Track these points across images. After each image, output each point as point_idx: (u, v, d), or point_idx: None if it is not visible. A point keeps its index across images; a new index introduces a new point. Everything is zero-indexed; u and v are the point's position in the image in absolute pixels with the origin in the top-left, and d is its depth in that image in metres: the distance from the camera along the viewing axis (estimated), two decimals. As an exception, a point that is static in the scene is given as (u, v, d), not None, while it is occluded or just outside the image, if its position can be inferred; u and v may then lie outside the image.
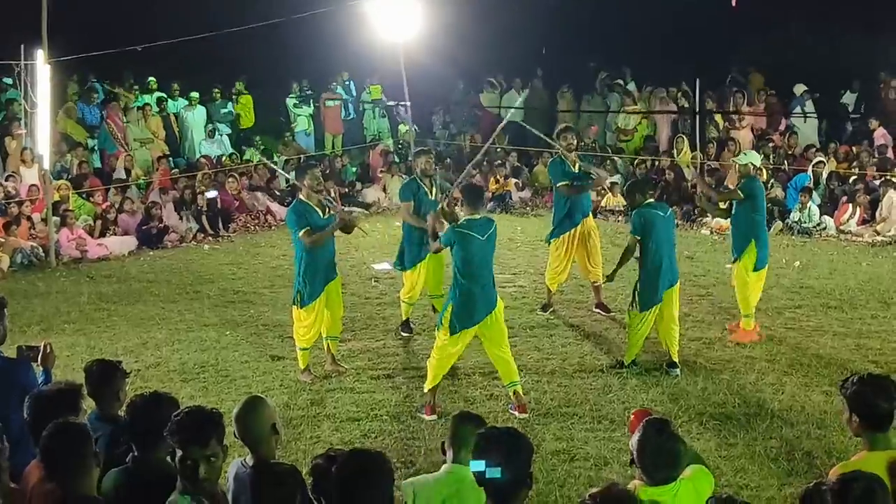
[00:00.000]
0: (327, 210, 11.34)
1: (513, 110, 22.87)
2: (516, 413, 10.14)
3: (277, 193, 22.09)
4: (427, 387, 10.29)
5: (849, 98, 23.55)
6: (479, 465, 4.57)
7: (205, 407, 5.24)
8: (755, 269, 12.44)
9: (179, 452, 4.86)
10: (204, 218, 19.87)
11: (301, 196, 11.40)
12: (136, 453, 5.35)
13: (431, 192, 12.62)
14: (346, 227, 11.42)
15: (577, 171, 13.56)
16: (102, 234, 18.68)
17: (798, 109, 23.28)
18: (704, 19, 24.38)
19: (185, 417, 4.93)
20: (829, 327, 13.10)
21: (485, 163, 24.04)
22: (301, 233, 10.99)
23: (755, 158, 12.84)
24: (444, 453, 5.92)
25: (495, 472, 4.70)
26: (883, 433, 5.38)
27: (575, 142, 14.00)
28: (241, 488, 5.27)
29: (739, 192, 12.48)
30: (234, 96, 25.27)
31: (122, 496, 5.23)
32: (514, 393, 10.24)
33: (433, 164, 13.18)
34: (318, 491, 4.77)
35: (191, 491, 4.81)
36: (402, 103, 24.71)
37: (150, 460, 5.31)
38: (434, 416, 10.11)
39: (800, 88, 23.24)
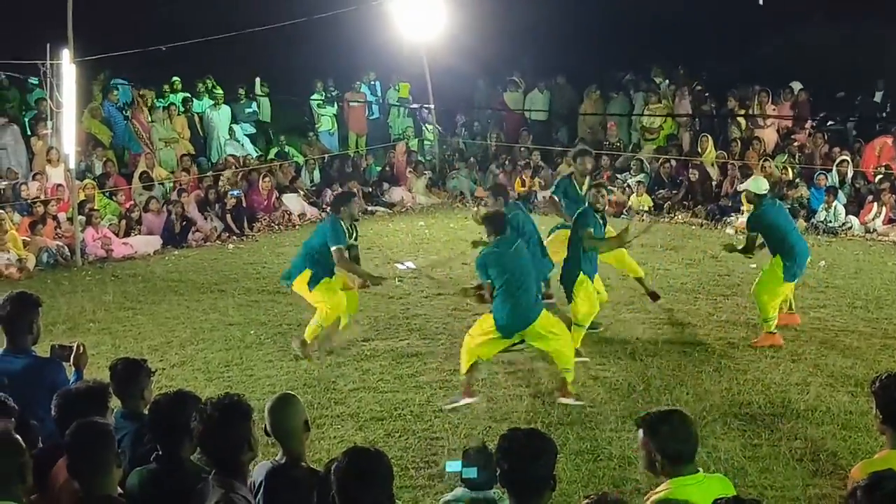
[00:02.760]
0: (354, 234, 12.33)
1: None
2: (565, 400, 10.35)
3: (301, 193, 22.12)
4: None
5: (877, 97, 23.39)
6: (455, 466, 4.59)
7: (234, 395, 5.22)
8: (786, 280, 12.21)
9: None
10: (229, 217, 19.92)
11: (341, 216, 12.15)
12: (160, 452, 5.36)
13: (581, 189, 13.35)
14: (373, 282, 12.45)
15: (582, 194, 13.33)
16: (127, 234, 18.77)
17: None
18: (733, 16, 24.29)
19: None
20: (855, 327, 13.04)
21: (507, 162, 24.05)
22: (337, 248, 11.81)
23: (758, 186, 12.48)
24: None
25: (471, 473, 4.71)
26: (907, 432, 5.36)
27: (590, 166, 14.02)
28: (276, 485, 5.27)
29: (750, 233, 12.41)
30: (256, 97, 25.30)
31: (147, 495, 5.24)
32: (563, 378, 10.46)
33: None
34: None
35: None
36: (426, 105, 24.82)
37: (174, 459, 5.32)
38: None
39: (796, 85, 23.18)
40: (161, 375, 11.31)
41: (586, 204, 12.26)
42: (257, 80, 25.41)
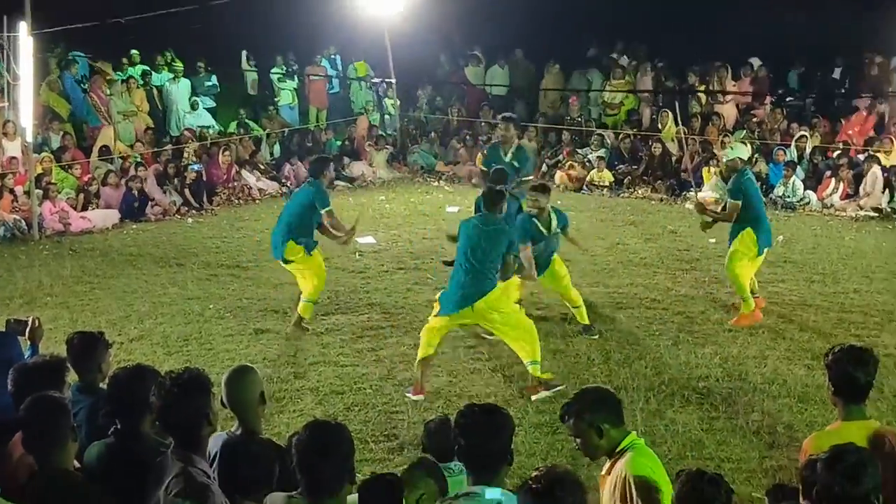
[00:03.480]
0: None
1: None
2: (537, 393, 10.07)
3: (261, 167, 22.00)
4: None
5: (836, 73, 23.51)
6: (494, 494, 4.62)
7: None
8: (759, 253, 12.13)
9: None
10: (188, 191, 19.79)
11: (322, 179, 12.33)
12: (118, 426, 5.32)
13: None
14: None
15: (507, 159, 13.48)
16: (85, 208, 18.58)
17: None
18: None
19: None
20: (812, 301, 13.16)
21: (468, 137, 24.04)
22: (327, 210, 12.06)
23: (742, 152, 12.51)
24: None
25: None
26: (858, 405, 5.41)
27: (514, 133, 14.06)
28: (231, 457, 5.25)
29: (734, 200, 12.03)
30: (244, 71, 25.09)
31: (105, 469, 5.20)
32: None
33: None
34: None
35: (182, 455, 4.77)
36: (387, 80, 24.74)
37: (133, 433, 5.29)
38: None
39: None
40: (119, 350, 11.25)
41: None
42: (244, 53, 25.31)
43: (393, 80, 24.85)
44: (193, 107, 23.35)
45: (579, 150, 22.83)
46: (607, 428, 5.23)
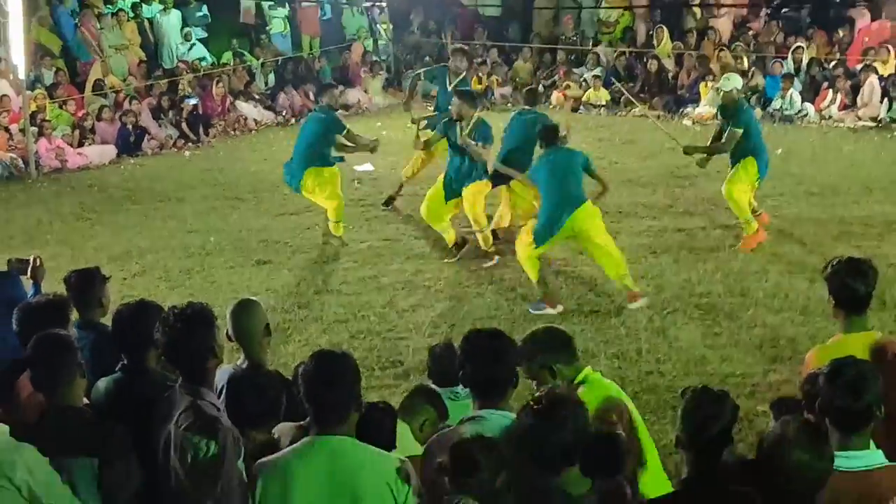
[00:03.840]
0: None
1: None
2: (634, 303, 10.23)
3: (256, 97, 21.90)
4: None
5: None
6: None
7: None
8: (759, 180, 12.05)
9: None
10: (185, 124, 19.71)
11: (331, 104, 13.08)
12: (125, 362, 5.35)
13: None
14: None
15: (449, 88, 13.56)
16: (81, 144, 18.51)
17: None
18: None
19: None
20: (812, 214, 13.18)
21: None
22: (346, 131, 12.69)
23: (738, 82, 12.36)
24: None
25: None
26: (859, 316, 5.43)
27: (464, 66, 14.10)
28: (238, 389, 5.28)
29: (735, 129, 11.80)
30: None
31: (114, 405, 5.22)
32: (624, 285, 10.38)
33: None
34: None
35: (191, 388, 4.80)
36: (378, 4, 24.51)
37: (140, 368, 5.31)
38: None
39: None
40: (122, 285, 11.28)
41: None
42: None
43: (384, 4, 24.64)
44: (186, 38, 23.15)
45: (575, 70, 22.71)
46: (560, 367, 5.27)
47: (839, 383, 4.22)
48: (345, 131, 12.61)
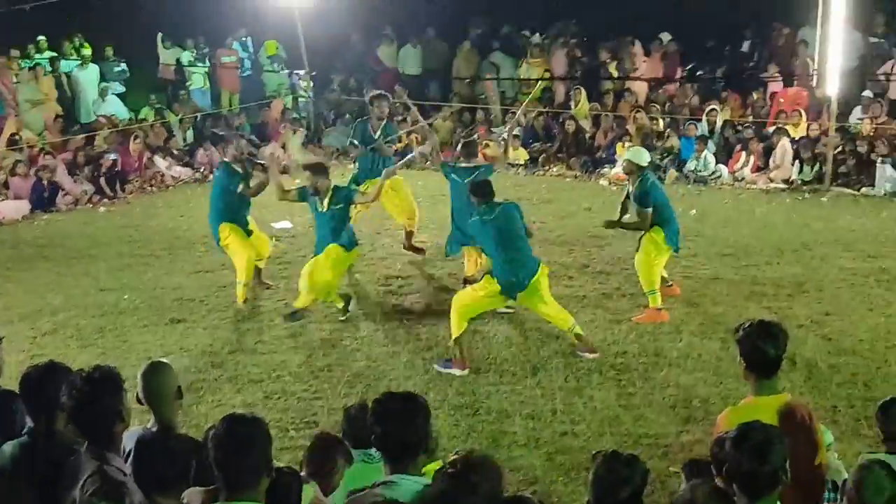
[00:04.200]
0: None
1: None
2: (587, 355, 10.35)
3: (175, 153, 21.76)
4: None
5: (745, 47, 23.78)
6: None
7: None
8: (665, 246, 11.90)
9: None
10: (103, 180, 19.50)
11: (228, 160, 12.88)
12: (33, 425, 5.25)
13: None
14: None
15: (376, 136, 13.80)
16: (-6, 199, 18.26)
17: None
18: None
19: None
20: (725, 275, 13.34)
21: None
22: (241, 188, 12.55)
23: (639, 157, 12.28)
24: None
25: None
26: (769, 379, 5.50)
27: (386, 111, 14.21)
28: (146, 453, 5.20)
29: (644, 209, 11.81)
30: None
31: (20, 469, 5.13)
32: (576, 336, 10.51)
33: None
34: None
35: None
36: (296, 72, 24.59)
37: (48, 432, 5.21)
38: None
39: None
40: (32, 344, 11.17)
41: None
42: (160, 36, 25.02)
43: (302, 72, 24.71)
44: (102, 94, 22.97)
45: (494, 129, 22.88)
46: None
47: (745, 447, 4.28)
48: (241, 186, 12.53)
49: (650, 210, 11.74)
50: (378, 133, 13.81)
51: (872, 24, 21.38)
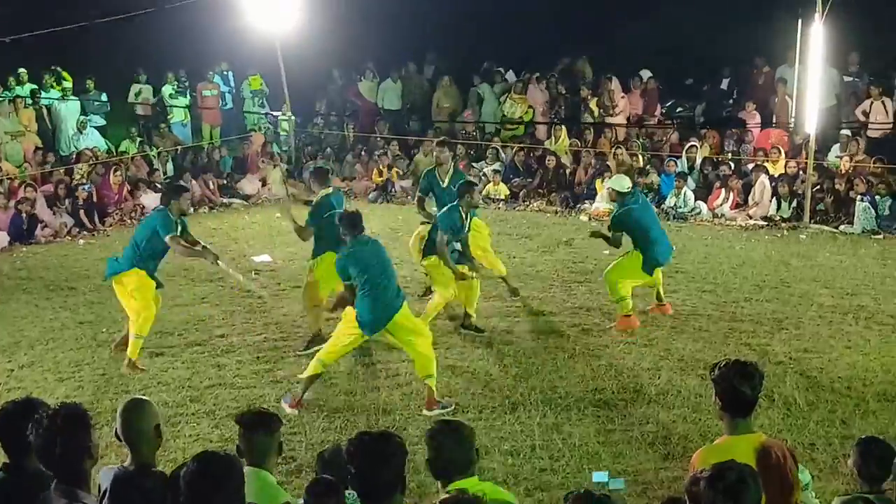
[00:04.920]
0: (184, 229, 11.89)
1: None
2: (428, 410, 10.09)
3: (158, 186, 21.70)
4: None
5: (724, 84, 23.95)
6: (601, 477, 4.68)
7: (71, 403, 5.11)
8: (642, 271, 12.56)
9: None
10: (81, 212, 19.44)
11: (170, 208, 11.65)
12: (7, 461, 5.22)
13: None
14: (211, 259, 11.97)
15: (444, 184, 13.56)
16: (-28, 231, 18.18)
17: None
18: (579, 7, 24.57)
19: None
20: (704, 311, 13.37)
21: (363, 153, 24.04)
22: (171, 236, 11.39)
23: (621, 185, 12.67)
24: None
25: (617, 484, 4.75)
26: (744, 419, 5.49)
27: (447, 155, 14.00)
28: (123, 492, 5.16)
29: (615, 232, 12.60)
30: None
31: (-3, 504, 5.11)
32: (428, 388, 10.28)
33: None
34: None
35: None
36: (272, 112, 24.68)
37: (22, 468, 5.19)
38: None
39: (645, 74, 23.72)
40: (9, 377, 11.13)
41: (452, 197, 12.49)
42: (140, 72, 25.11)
43: (286, 96, 24.73)
44: (81, 127, 22.92)
45: (475, 164, 22.93)
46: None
47: (720, 487, 4.29)
48: (170, 234, 11.37)
49: (620, 234, 12.54)
50: (447, 181, 13.52)
51: (847, 62, 21.58)
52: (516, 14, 26.13)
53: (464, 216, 12.09)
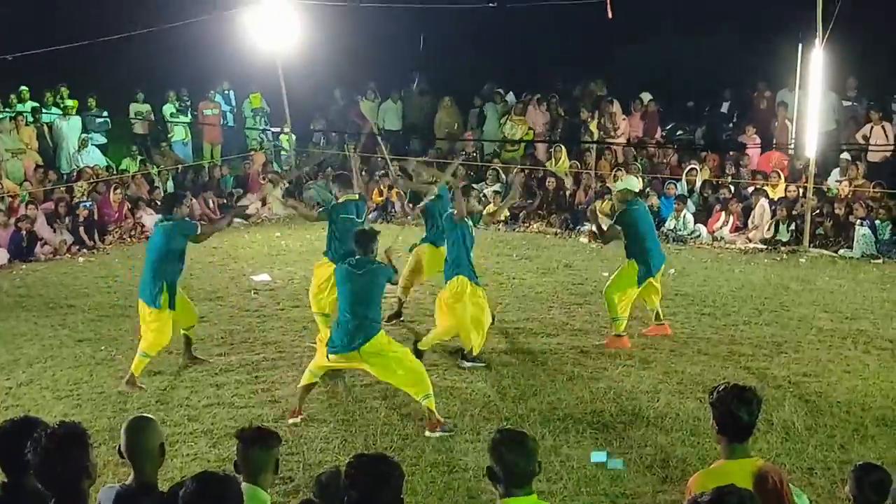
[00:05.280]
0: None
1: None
2: (430, 432, 10.04)
3: (159, 204, 21.70)
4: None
5: (724, 108, 24.02)
6: (600, 457, 4.72)
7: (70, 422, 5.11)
8: (637, 282, 12.71)
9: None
10: (81, 229, 19.46)
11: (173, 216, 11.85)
12: (6, 480, 5.22)
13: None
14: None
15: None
16: (-28, 249, 18.19)
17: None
18: (580, 30, 24.62)
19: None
20: (703, 334, 13.38)
21: (364, 172, 24.05)
22: (199, 226, 12.23)
23: (632, 184, 12.90)
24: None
25: (617, 464, 4.79)
26: (741, 443, 5.49)
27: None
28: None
29: (618, 227, 12.78)
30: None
31: (-4, 523, 5.10)
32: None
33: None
34: None
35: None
36: (272, 130, 24.73)
37: (22, 485, 5.18)
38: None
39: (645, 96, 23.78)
40: (7, 395, 11.11)
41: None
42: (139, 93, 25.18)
43: (287, 115, 24.79)
44: (83, 145, 23.00)
45: (475, 185, 22.94)
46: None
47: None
48: (195, 233, 11.88)
49: (617, 229, 12.76)
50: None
51: (845, 86, 21.64)
52: (517, 36, 26.21)
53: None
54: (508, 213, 21.67)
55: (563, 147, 22.83)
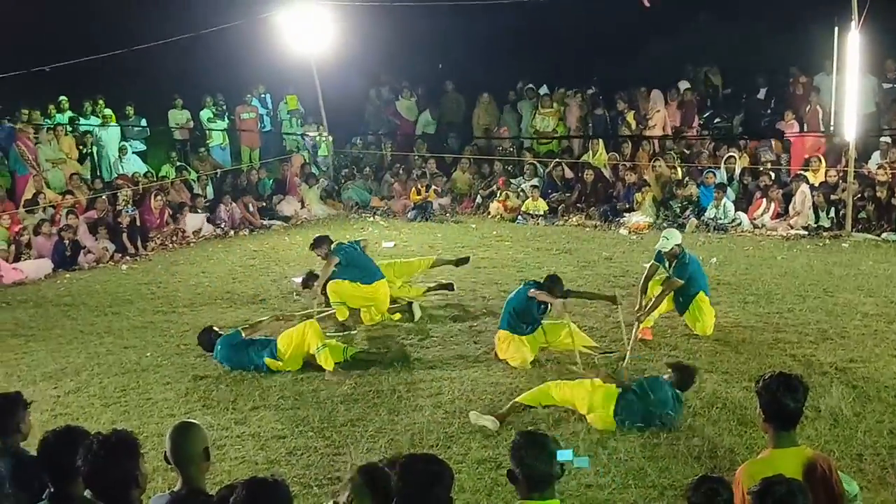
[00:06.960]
0: None
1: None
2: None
3: (199, 211, 21.84)
4: None
5: (761, 94, 23.85)
6: (566, 455, 4.75)
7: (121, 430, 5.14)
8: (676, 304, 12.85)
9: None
10: (124, 236, 19.61)
11: None
12: (52, 489, 5.26)
13: None
14: None
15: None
16: (17, 259, 18.35)
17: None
18: (615, 21, 24.52)
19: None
20: (748, 322, 13.29)
21: (402, 171, 24.14)
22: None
23: (676, 238, 12.64)
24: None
25: (582, 462, 4.82)
26: (788, 432, 5.46)
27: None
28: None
29: (678, 279, 12.49)
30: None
31: (41, 534, 5.14)
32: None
33: None
34: None
35: None
36: (308, 133, 24.82)
37: (67, 496, 5.22)
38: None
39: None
40: (56, 403, 11.17)
41: None
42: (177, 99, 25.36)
43: (323, 117, 24.89)
44: (122, 152, 23.21)
45: (513, 181, 22.96)
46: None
47: (768, 502, 4.25)
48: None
49: (682, 281, 12.47)
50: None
51: (884, 69, 21.42)
52: (551, 30, 26.12)
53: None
54: (547, 208, 21.67)
55: (600, 140, 22.76)
